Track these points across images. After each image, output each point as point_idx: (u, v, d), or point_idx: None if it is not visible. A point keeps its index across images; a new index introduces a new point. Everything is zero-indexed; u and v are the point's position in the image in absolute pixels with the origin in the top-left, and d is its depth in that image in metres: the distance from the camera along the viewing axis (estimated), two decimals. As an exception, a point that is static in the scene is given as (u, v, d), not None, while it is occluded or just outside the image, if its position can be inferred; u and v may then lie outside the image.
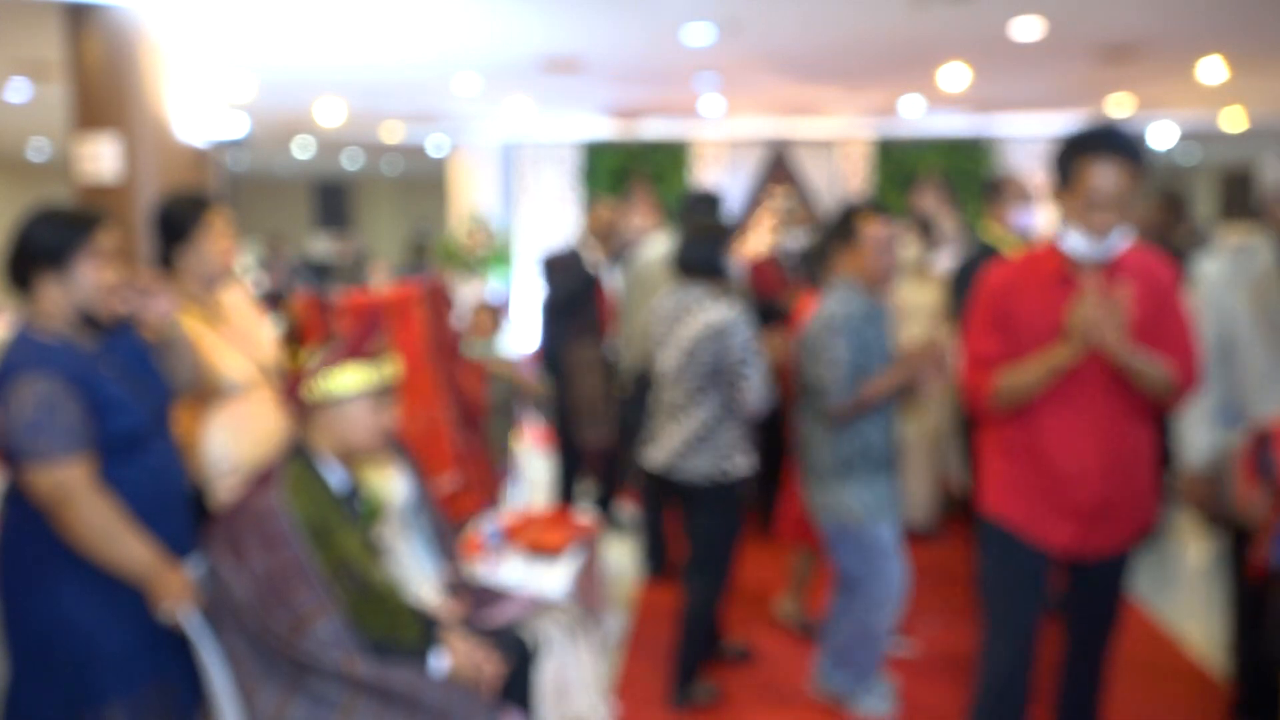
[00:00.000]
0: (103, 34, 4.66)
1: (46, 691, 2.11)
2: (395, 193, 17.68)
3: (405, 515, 2.64)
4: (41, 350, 2.08)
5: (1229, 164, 14.48)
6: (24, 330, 2.12)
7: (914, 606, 3.89)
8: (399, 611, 2.18)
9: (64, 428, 2.01)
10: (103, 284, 2.13)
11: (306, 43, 6.02)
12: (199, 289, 2.67)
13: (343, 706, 2.05)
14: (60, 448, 2.00)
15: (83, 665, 2.11)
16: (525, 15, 5.38)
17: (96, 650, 2.11)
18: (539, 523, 3.42)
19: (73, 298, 2.12)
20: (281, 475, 2.16)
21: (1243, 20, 5.65)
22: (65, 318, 2.13)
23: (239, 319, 2.78)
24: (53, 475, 2.01)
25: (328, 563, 2.09)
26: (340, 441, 2.24)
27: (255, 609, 2.04)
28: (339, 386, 2.21)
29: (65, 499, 2.01)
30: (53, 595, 2.09)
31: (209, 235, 2.64)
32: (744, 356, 3.06)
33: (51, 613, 2.09)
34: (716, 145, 10.09)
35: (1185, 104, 8.76)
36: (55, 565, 2.08)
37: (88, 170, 4.71)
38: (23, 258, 2.12)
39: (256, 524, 2.07)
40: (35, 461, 2.00)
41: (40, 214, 2.15)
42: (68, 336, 2.13)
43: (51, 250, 2.10)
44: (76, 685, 2.11)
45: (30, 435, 1.99)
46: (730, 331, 3.05)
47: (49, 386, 2.02)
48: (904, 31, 5.82)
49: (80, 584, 2.09)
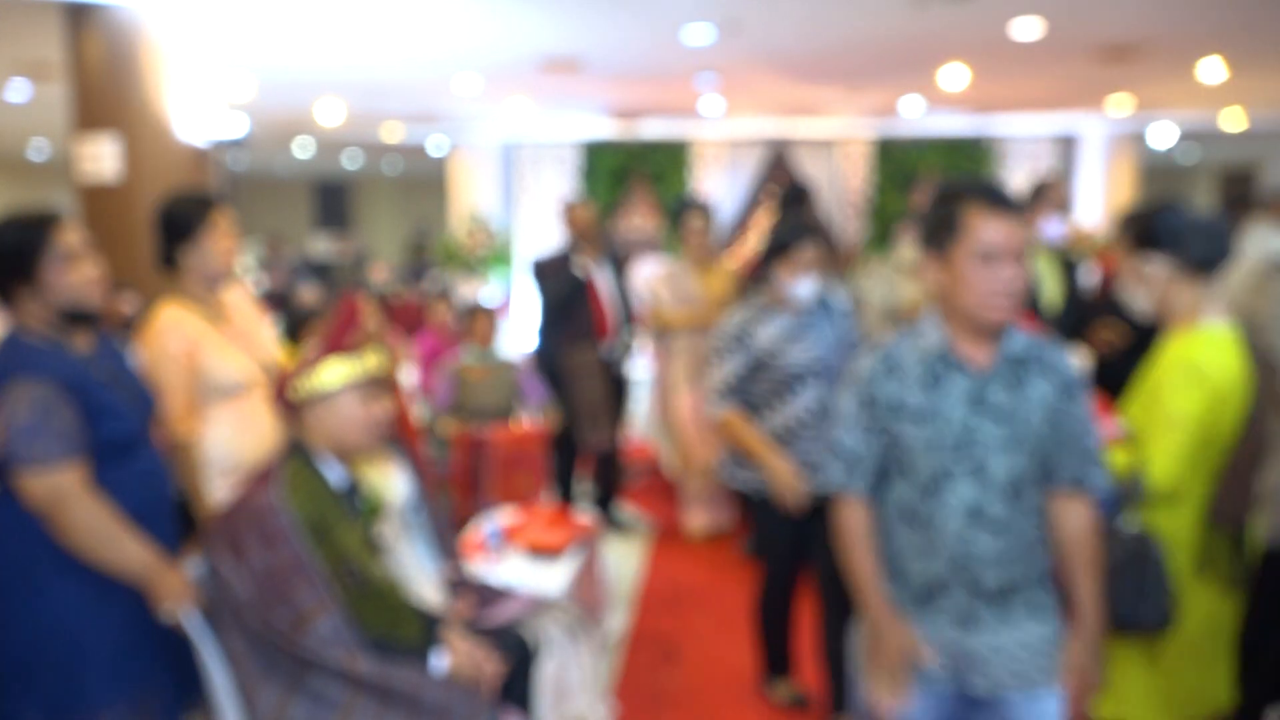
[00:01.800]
0: (103, 34, 4.67)
1: (32, 699, 2.07)
2: (395, 193, 17.69)
3: (405, 514, 2.64)
4: (35, 354, 2.05)
5: (1228, 163, 14.48)
6: (14, 334, 2.09)
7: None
8: (399, 609, 2.18)
9: (59, 433, 1.99)
10: (79, 280, 2.09)
11: (306, 43, 6.02)
12: (202, 288, 2.67)
13: (343, 706, 2.05)
14: (56, 453, 1.98)
15: (71, 672, 2.08)
16: (525, 15, 5.38)
17: (86, 656, 2.09)
18: (539, 523, 3.42)
19: (51, 303, 2.08)
20: (280, 473, 2.16)
21: (1242, 21, 5.65)
22: (50, 323, 2.10)
23: (240, 318, 2.78)
24: (48, 480, 1.98)
25: (328, 560, 2.09)
26: (333, 437, 2.23)
27: (256, 607, 2.04)
28: (323, 383, 2.20)
29: (61, 503, 2.00)
30: (41, 600, 2.07)
31: (213, 234, 2.64)
32: None
33: (40, 618, 2.07)
34: (716, 145, 10.09)
35: (1185, 104, 8.77)
36: (44, 570, 2.06)
37: (88, 170, 4.71)
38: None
39: (256, 522, 2.07)
40: (30, 466, 1.98)
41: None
42: (57, 341, 2.10)
43: (13, 264, 2.05)
44: (64, 693, 2.08)
45: (26, 440, 1.97)
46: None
47: (44, 391, 2.00)
48: (904, 32, 5.82)
49: (69, 589, 2.07)
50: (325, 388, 2.20)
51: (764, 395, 3.01)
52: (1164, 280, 2.25)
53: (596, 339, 4.79)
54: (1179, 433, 2.14)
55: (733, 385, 3.00)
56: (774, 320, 3.00)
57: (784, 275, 2.96)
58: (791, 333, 2.98)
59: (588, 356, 4.74)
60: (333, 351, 2.22)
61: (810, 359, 2.96)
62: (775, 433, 2.98)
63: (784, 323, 2.99)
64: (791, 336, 2.98)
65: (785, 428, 2.99)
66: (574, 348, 4.74)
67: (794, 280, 2.95)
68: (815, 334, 3.00)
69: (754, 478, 3.04)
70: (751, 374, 3.00)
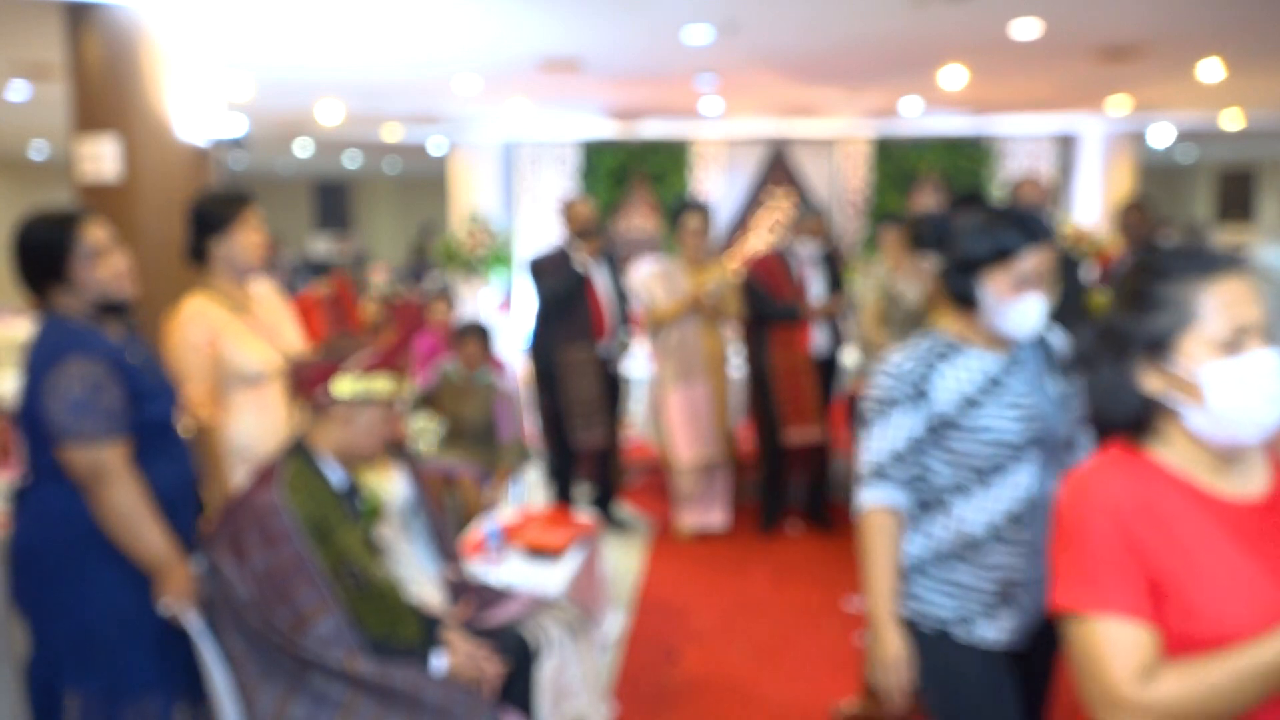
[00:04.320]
0: (103, 34, 4.67)
1: (87, 679, 2.15)
2: (395, 193, 17.69)
3: (405, 515, 2.65)
4: (83, 335, 2.14)
5: (1227, 163, 14.49)
6: (54, 319, 2.17)
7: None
8: (399, 610, 2.19)
9: (107, 411, 2.08)
10: (107, 274, 2.18)
11: (306, 43, 6.03)
12: (230, 280, 2.79)
13: (344, 705, 2.05)
14: (103, 430, 2.07)
15: (122, 652, 2.16)
16: (525, 16, 5.39)
17: (135, 638, 2.16)
18: (539, 523, 3.42)
19: (85, 298, 2.17)
20: (282, 472, 2.17)
21: (1241, 21, 5.65)
22: (84, 314, 2.19)
23: (266, 312, 2.88)
24: (92, 454, 2.06)
25: (328, 560, 2.10)
26: (346, 444, 2.24)
27: (257, 606, 2.05)
28: (365, 392, 2.22)
29: (103, 479, 2.07)
30: (91, 584, 2.14)
31: (243, 229, 2.77)
32: None
33: (90, 601, 2.14)
34: (716, 145, 10.09)
35: (1183, 105, 8.78)
36: (93, 556, 2.13)
37: (88, 170, 4.72)
38: (26, 275, 2.18)
39: (257, 521, 2.08)
40: (78, 441, 2.05)
41: (25, 229, 2.18)
42: (93, 329, 2.19)
43: (45, 265, 2.15)
44: (117, 673, 2.15)
45: (76, 415, 2.04)
46: None
47: (96, 369, 2.08)
48: (903, 32, 5.83)
49: (116, 573, 2.14)
50: (366, 396, 2.22)
51: (947, 480, 1.96)
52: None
53: (593, 337, 4.79)
54: None
55: (893, 461, 1.96)
56: (967, 362, 1.96)
57: (997, 292, 1.92)
58: (996, 383, 1.95)
59: (583, 355, 4.74)
60: (385, 366, 2.25)
61: (1025, 422, 1.91)
62: (963, 539, 1.94)
63: (985, 366, 1.96)
64: (995, 389, 1.94)
65: (982, 528, 1.93)
66: (570, 345, 4.74)
67: (1014, 300, 1.92)
68: (1030, 384, 1.96)
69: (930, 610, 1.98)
70: (929, 443, 1.96)
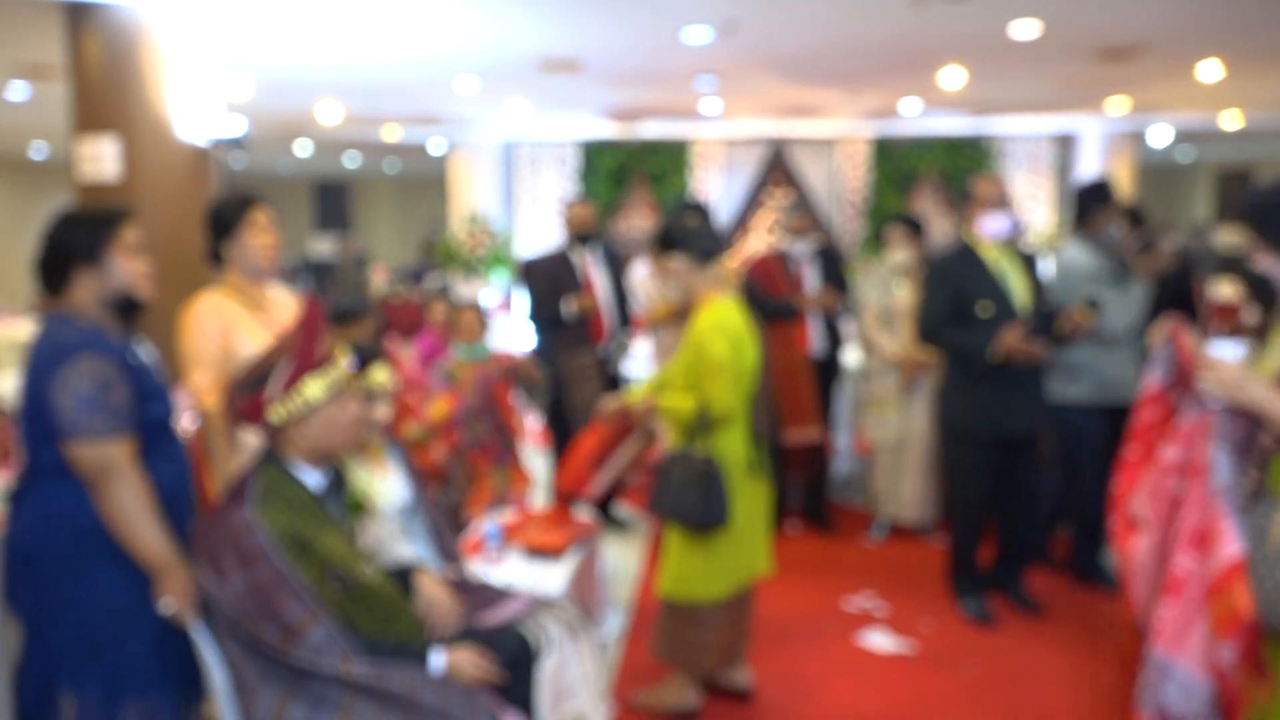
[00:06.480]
0: (103, 34, 4.68)
1: (89, 677, 2.16)
2: (395, 193, 17.70)
3: (403, 516, 2.65)
4: (91, 333, 2.16)
5: (1226, 163, 14.50)
6: (60, 317, 2.20)
7: (912, 605, 3.91)
8: (392, 607, 2.18)
9: (116, 408, 2.10)
10: (136, 272, 2.25)
11: (306, 43, 6.04)
12: (244, 281, 2.86)
13: (343, 706, 2.04)
14: (112, 427, 2.09)
15: (124, 651, 2.17)
16: (524, 17, 5.40)
17: (137, 636, 2.17)
18: (539, 523, 3.43)
19: (107, 288, 2.22)
20: (253, 487, 2.11)
21: (1240, 22, 5.66)
22: (97, 311, 2.22)
23: (280, 312, 2.93)
24: (99, 451, 2.09)
25: (311, 569, 2.06)
26: (318, 446, 2.19)
27: (244, 622, 2.03)
28: (305, 401, 2.15)
29: (109, 475, 2.10)
30: (93, 582, 2.15)
31: (250, 231, 2.84)
32: None
33: (93, 599, 2.15)
34: (715, 145, 10.10)
35: (1182, 105, 8.79)
36: (95, 553, 2.14)
37: (88, 170, 4.72)
38: (58, 258, 2.22)
39: (232, 541, 2.03)
40: (87, 438, 2.08)
41: (69, 216, 2.25)
42: (100, 328, 2.21)
43: (86, 247, 2.20)
44: (119, 671, 2.17)
45: (86, 411, 2.07)
46: None
47: (106, 367, 2.11)
48: (903, 32, 5.84)
49: (119, 571, 2.15)
50: (308, 405, 2.15)
51: None
52: (685, 271, 2.97)
53: (592, 340, 4.79)
54: (724, 373, 2.82)
55: None
56: None
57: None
58: None
59: (585, 359, 4.74)
60: (306, 370, 2.16)
61: None
62: None
63: None
64: None
65: None
66: (570, 351, 4.73)
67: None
68: None
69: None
70: None
